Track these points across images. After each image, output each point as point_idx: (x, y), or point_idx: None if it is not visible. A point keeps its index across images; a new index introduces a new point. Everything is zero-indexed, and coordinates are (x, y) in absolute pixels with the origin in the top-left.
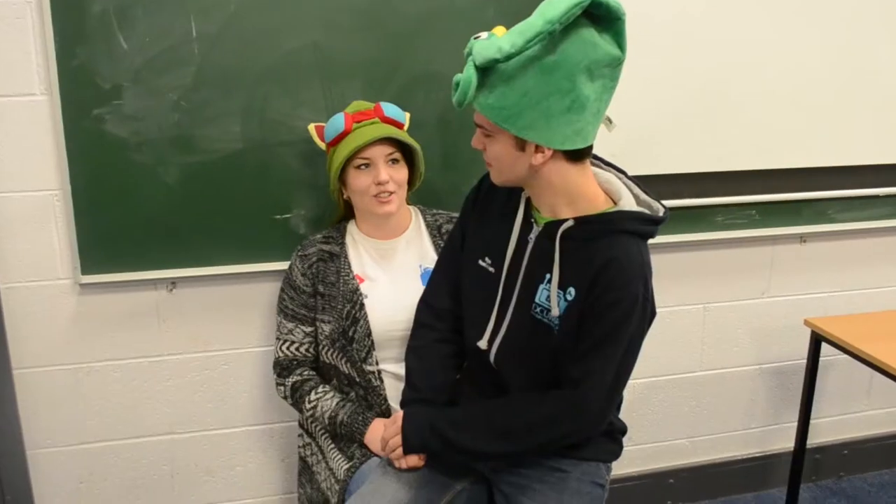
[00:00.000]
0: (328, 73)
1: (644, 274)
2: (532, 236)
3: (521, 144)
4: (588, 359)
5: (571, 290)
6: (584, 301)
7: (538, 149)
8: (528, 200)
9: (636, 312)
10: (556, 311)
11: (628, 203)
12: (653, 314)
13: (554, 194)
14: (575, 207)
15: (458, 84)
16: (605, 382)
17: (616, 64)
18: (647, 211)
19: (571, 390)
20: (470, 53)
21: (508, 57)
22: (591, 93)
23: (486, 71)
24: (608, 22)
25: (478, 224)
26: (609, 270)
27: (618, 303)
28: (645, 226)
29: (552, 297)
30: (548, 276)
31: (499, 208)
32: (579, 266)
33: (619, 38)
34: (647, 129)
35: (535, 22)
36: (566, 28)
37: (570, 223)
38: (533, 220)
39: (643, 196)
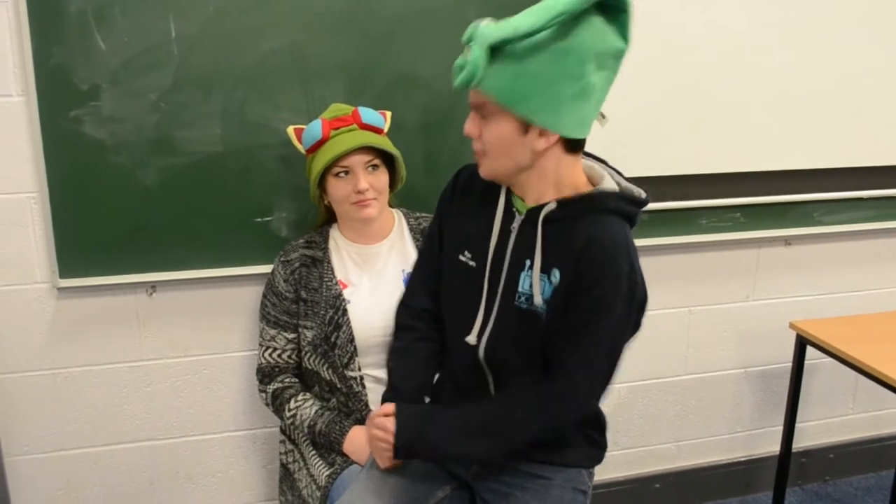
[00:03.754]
0: (308, 74)
1: (629, 252)
2: (515, 225)
3: (525, 128)
4: (575, 337)
5: (556, 272)
6: (569, 281)
7: (542, 133)
8: (509, 190)
9: (622, 290)
10: (538, 299)
11: (609, 185)
12: (643, 298)
13: (544, 182)
14: (560, 194)
15: (461, 66)
16: (592, 362)
17: (620, 56)
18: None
19: (559, 372)
20: (470, 40)
21: (526, 35)
22: (597, 81)
23: (494, 52)
24: (616, 13)
25: (456, 219)
26: (593, 248)
27: (603, 280)
28: (627, 206)
29: (535, 283)
30: (528, 262)
31: (477, 201)
32: (562, 247)
33: (623, 30)
34: (631, 131)
35: (556, 4)
36: (579, 14)
37: (552, 205)
38: (515, 209)
39: (624, 183)
